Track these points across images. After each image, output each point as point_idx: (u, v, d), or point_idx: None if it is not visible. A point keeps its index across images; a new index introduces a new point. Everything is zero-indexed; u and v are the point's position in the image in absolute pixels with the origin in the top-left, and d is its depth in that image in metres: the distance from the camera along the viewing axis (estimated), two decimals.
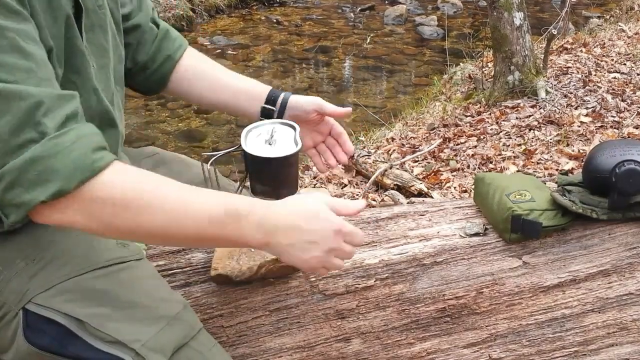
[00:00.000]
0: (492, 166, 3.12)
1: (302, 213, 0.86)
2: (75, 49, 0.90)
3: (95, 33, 0.96)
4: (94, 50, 0.95)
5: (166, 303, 0.93)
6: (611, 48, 4.60)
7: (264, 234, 0.84)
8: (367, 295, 1.13)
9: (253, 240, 0.84)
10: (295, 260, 0.86)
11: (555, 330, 1.15)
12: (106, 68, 1.00)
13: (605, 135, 3.21)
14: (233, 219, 0.83)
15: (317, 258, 0.86)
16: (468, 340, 1.14)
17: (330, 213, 0.87)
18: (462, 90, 4.67)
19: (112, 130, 0.99)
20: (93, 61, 0.95)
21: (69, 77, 0.89)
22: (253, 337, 1.09)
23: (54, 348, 0.87)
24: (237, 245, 0.87)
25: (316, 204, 0.87)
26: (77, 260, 0.91)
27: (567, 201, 1.18)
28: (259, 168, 1.06)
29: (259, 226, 0.84)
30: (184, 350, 0.89)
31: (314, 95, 1.36)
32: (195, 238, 0.84)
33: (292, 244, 0.85)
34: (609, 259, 1.18)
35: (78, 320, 0.86)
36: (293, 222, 0.85)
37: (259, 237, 0.84)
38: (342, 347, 1.11)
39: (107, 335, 0.86)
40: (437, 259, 1.17)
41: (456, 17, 8.14)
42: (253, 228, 0.83)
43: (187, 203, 0.82)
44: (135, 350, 0.85)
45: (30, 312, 0.87)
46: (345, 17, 8.20)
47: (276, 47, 7.01)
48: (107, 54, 1.00)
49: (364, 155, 3.32)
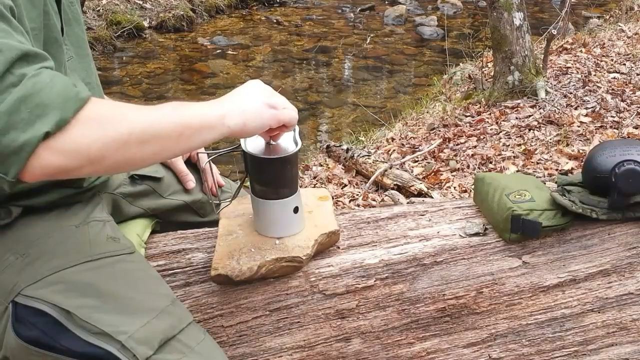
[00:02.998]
0: (492, 166, 3.12)
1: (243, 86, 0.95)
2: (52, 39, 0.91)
3: (72, 26, 1.00)
4: (72, 41, 0.99)
5: (154, 296, 0.94)
6: (611, 48, 4.60)
7: (219, 105, 0.88)
8: (367, 295, 1.13)
9: (216, 112, 0.87)
10: (251, 115, 0.89)
11: (555, 330, 1.15)
12: (87, 58, 1.04)
13: (605, 135, 3.22)
14: (188, 104, 0.87)
15: (267, 104, 0.91)
16: (468, 340, 1.14)
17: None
18: (462, 90, 4.67)
19: None
20: (72, 52, 0.98)
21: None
22: (253, 336, 1.09)
23: (42, 341, 0.88)
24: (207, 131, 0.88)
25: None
26: (67, 254, 0.92)
27: (567, 201, 1.18)
28: (259, 168, 1.06)
29: (212, 102, 0.89)
30: (172, 343, 0.90)
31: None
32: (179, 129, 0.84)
33: (242, 99, 0.90)
34: (609, 258, 1.18)
35: (66, 312, 0.87)
36: (237, 89, 0.94)
37: (216, 109, 0.87)
38: (342, 347, 1.11)
39: (93, 326, 0.86)
40: (437, 258, 1.17)
41: (456, 17, 8.14)
42: (209, 105, 0.88)
43: (152, 107, 0.85)
44: (121, 342, 0.86)
45: (20, 304, 0.88)
46: (345, 17, 8.20)
47: (276, 48, 7.02)
48: (85, 45, 1.04)
49: (364, 155, 3.32)
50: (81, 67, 1.02)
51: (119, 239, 1.00)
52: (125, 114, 0.80)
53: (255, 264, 1.06)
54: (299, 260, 1.09)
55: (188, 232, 1.23)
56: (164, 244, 1.19)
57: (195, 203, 1.28)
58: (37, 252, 0.92)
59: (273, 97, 0.94)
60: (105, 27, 6.90)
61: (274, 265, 1.08)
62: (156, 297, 0.94)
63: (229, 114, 0.87)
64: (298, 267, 1.11)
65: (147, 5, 7.72)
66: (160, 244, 1.19)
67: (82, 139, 0.75)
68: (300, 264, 1.10)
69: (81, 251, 0.93)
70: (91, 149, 0.76)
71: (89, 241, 0.95)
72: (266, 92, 0.94)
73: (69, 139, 0.74)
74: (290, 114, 0.95)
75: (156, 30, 7.35)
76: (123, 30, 6.97)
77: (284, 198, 1.08)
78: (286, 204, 1.09)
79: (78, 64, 1.01)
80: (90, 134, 0.76)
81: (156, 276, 1.01)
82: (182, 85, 5.96)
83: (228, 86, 5.84)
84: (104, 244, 0.97)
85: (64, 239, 0.94)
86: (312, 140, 4.75)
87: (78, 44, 1.02)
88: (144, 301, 0.92)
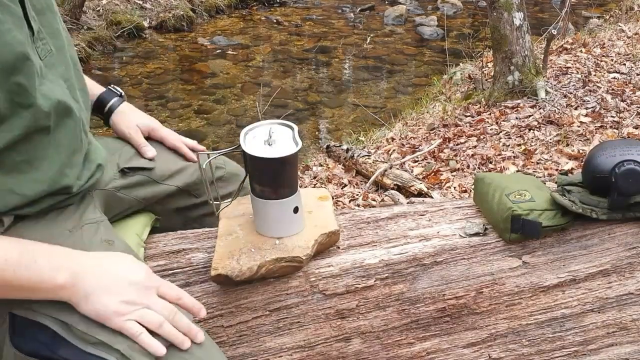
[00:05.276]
0: (492, 166, 3.12)
1: (110, 256, 0.90)
2: (18, 56, 0.84)
3: (45, 15, 0.95)
4: (49, 32, 0.94)
5: None
6: (611, 48, 4.60)
7: (68, 273, 0.84)
8: (367, 295, 1.13)
9: (54, 281, 0.83)
10: (100, 304, 0.85)
11: (555, 330, 1.15)
12: (63, 50, 0.99)
13: (604, 135, 3.21)
14: (28, 259, 0.83)
15: (125, 303, 0.86)
16: (468, 340, 1.14)
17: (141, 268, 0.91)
18: (462, 90, 4.67)
19: (69, 121, 0.96)
20: (50, 44, 0.94)
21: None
22: (253, 337, 1.09)
23: (41, 353, 0.86)
24: (37, 294, 0.85)
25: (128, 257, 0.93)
26: None
27: (567, 201, 1.18)
28: (259, 168, 1.06)
29: (62, 265, 0.84)
30: (171, 348, 0.88)
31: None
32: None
33: (101, 284, 0.85)
34: (609, 258, 1.18)
35: (63, 323, 0.86)
36: (101, 259, 0.89)
37: (61, 277, 0.83)
38: (342, 347, 1.11)
39: (91, 337, 0.85)
40: (437, 258, 1.17)
41: (456, 17, 8.14)
42: (53, 267, 0.84)
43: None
44: (120, 351, 0.85)
45: (17, 316, 0.87)
46: (345, 17, 8.20)
47: (276, 48, 7.02)
48: (60, 36, 0.99)
49: (364, 155, 3.32)
50: (59, 62, 0.96)
51: (113, 242, 0.99)
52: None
53: (255, 264, 1.06)
54: (299, 260, 1.09)
55: (188, 232, 1.23)
56: (164, 244, 1.19)
57: (189, 185, 1.26)
58: None
59: (137, 298, 0.87)
60: (105, 27, 6.90)
61: (274, 265, 1.08)
62: None
63: (71, 291, 0.84)
64: (298, 267, 1.11)
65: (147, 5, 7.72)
66: (160, 244, 1.19)
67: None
68: (300, 264, 1.10)
69: None
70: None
71: (84, 247, 0.94)
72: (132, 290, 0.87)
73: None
74: (154, 319, 0.87)
75: (156, 30, 7.35)
76: (123, 30, 6.97)
77: (283, 198, 1.08)
78: (286, 204, 1.09)
79: (57, 58, 0.95)
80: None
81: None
82: (182, 85, 5.96)
83: (228, 86, 5.84)
84: (99, 249, 0.95)
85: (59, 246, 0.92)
86: (312, 140, 4.75)
87: (54, 35, 0.96)
88: None
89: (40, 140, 0.90)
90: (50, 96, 0.89)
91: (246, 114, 5.15)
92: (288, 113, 5.09)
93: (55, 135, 0.92)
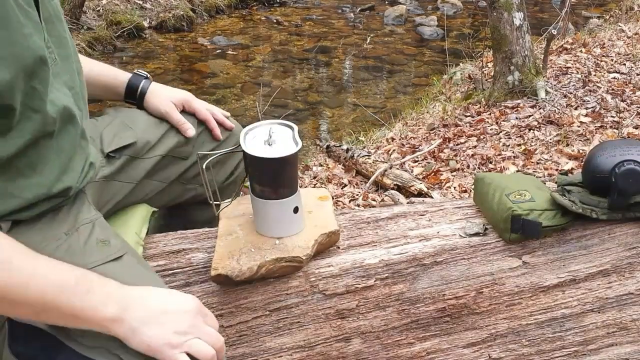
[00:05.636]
0: (492, 166, 3.11)
1: (157, 289, 0.89)
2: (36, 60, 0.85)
3: (53, 23, 0.95)
4: (55, 41, 0.94)
5: None
6: (611, 48, 4.60)
7: (117, 305, 0.82)
8: (367, 295, 1.13)
9: (103, 312, 0.81)
10: (152, 337, 0.82)
11: (555, 330, 1.15)
12: (69, 59, 0.99)
13: (605, 135, 3.21)
14: (84, 287, 0.81)
15: (178, 335, 0.83)
16: (468, 340, 1.14)
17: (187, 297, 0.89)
18: (462, 90, 4.67)
19: (71, 127, 0.96)
20: (55, 53, 0.93)
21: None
22: (253, 337, 1.09)
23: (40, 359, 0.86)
24: (84, 323, 0.82)
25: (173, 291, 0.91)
26: None
27: (567, 201, 1.18)
28: (259, 168, 1.06)
29: (112, 296, 0.83)
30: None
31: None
32: (39, 304, 0.79)
33: (151, 316, 0.83)
34: (609, 259, 1.18)
35: (61, 328, 0.85)
36: (158, 292, 0.88)
37: (111, 309, 0.81)
38: (342, 347, 1.11)
39: (90, 341, 0.85)
40: (437, 259, 1.17)
41: (456, 17, 8.14)
42: (104, 298, 0.82)
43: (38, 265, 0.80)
44: (119, 356, 0.84)
45: (15, 322, 0.86)
46: (345, 17, 8.20)
47: (276, 48, 7.02)
48: (67, 43, 0.98)
49: (364, 155, 3.32)
50: (65, 70, 0.96)
51: (108, 241, 0.98)
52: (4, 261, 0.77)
53: (255, 264, 1.06)
54: (299, 260, 1.09)
55: (188, 232, 1.23)
56: (164, 244, 1.19)
57: (172, 150, 1.25)
58: None
59: (196, 318, 0.86)
60: (105, 27, 6.90)
61: (274, 265, 1.08)
62: None
63: (123, 324, 0.82)
64: (298, 267, 1.11)
65: (147, 5, 7.72)
66: (160, 244, 1.19)
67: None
68: (300, 264, 1.10)
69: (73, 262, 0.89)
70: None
71: (80, 249, 0.93)
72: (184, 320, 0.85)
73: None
74: (204, 350, 0.84)
75: (156, 30, 7.35)
76: (123, 30, 6.96)
77: (283, 198, 1.08)
78: (286, 204, 1.09)
79: (62, 67, 0.95)
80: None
81: (151, 278, 0.99)
82: (182, 85, 5.96)
83: (228, 86, 5.84)
84: (95, 251, 0.94)
85: (55, 250, 0.92)
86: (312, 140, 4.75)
87: (60, 44, 0.96)
88: None
89: (44, 145, 0.90)
90: (56, 102, 0.90)
91: (246, 114, 5.15)
92: (288, 113, 5.09)
93: (57, 140, 0.93)
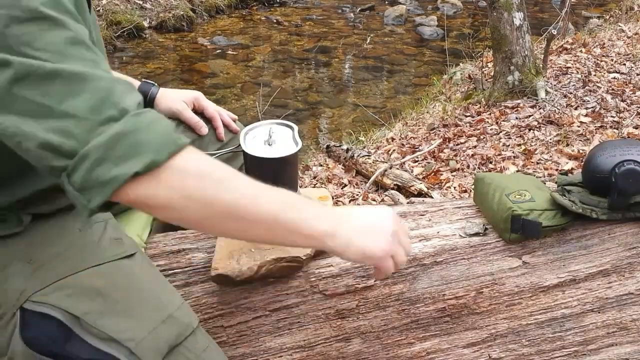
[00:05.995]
0: (492, 166, 3.11)
1: (357, 207, 0.91)
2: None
3: (96, 30, 0.98)
4: (99, 48, 0.96)
5: (161, 301, 0.93)
6: (611, 48, 4.60)
7: (334, 219, 0.84)
8: (367, 295, 1.13)
9: (321, 226, 0.82)
10: (367, 244, 0.85)
11: (555, 330, 1.15)
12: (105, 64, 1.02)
13: (605, 135, 3.21)
14: (304, 203, 0.83)
15: (388, 241, 0.86)
16: (468, 340, 1.14)
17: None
18: (462, 90, 4.67)
19: None
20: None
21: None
22: (253, 337, 1.09)
23: (50, 347, 0.87)
24: (305, 239, 0.84)
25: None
26: (73, 260, 0.92)
27: (567, 201, 1.18)
28: (259, 168, 1.06)
29: (329, 213, 0.85)
30: (179, 349, 0.89)
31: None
32: (270, 220, 0.80)
33: (362, 227, 0.85)
34: (609, 259, 1.18)
35: (74, 317, 0.87)
36: (359, 208, 0.90)
37: (327, 223, 0.83)
38: (342, 347, 1.11)
39: (101, 332, 0.86)
40: (437, 258, 1.17)
41: (456, 17, 8.14)
42: (322, 214, 0.84)
43: (261, 185, 0.82)
44: (130, 349, 0.85)
45: (28, 310, 0.88)
46: (345, 17, 8.20)
47: (276, 47, 7.02)
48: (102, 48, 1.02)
49: (364, 155, 3.32)
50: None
51: (121, 239, 1.00)
52: (221, 180, 0.78)
53: (255, 264, 1.06)
54: (299, 261, 1.09)
55: (188, 232, 1.23)
56: (164, 244, 1.19)
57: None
58: (44, 258, 0.91)
59: (392, 236, 0.88)
60: (105, 27, 6.89)
61: (274, 265, 1.08)
62: (163, 301, 0.93)
63: (337, 237, 0.83)
64: (298, 267, 1.11)
65: (147, 5, 7.72)
66: (160, 244, 1.19)
67: (165, 188, 0.74)
68: (300, 264, 1.10)
69: (87, 256, 0.93)
70: (172, 200, 0.75)
71: (94, 245, 0.95)
72: (389, 229, 0.88)
73: (154, 184, 0.74)
74: (402, 259, 0.89)
75: (156, 30, 7.34)
76: (123, 30, 6.96)
77: None
78: None
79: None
80: (174, 184, 0.75)
81: (161, 277, 1.01)
82: (182, 85, 5.96)
83: (228, 86, 5.84)
84: (108, 247, 0.96)
85: (70, 245, 0.94)
86: (312, 140, 4.74)
87: (100, 49, 0.99)
88: (151, 306, 0.91)
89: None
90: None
91: (246, 114, 5.15)
92: (288, 113, 5.08)
93: None
